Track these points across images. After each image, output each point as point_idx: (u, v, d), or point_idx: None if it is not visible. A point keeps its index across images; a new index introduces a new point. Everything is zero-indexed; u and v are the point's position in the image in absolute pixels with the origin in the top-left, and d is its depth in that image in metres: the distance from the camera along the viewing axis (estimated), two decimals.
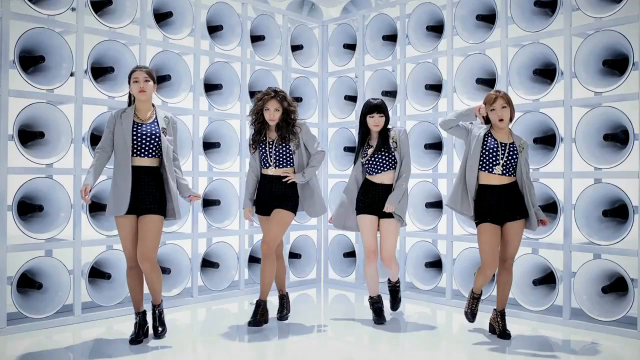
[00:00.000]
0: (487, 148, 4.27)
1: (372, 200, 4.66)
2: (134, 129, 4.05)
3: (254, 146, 4.66)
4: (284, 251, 6.10)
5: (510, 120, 4.30)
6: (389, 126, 4.76)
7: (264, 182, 4.63)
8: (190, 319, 5.06)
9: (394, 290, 5.07)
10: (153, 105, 4.21)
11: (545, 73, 4.93)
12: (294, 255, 6.23)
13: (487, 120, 4.36)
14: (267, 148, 4.60)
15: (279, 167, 4.59)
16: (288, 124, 4.57)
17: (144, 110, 4.14)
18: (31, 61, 4.56)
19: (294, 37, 6.38)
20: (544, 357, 3.95)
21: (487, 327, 4.53)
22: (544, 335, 4.48)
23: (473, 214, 4.33)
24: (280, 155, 4.57)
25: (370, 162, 4.66)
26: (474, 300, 4.51)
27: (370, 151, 4.68)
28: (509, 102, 4.26)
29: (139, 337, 4.13)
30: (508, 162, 4.23)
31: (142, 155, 4.05)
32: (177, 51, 5.37)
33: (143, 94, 4.09)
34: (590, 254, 4.64)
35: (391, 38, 6.03)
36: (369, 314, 4.97)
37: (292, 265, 6.24)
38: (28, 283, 4.48)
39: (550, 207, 4.88)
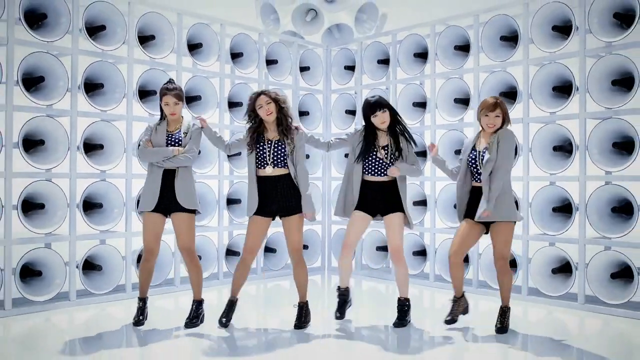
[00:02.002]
0: (470, 160, 4.46)
1: (371, 198, 4.55)
2: (166, 139, 4.57)
3: (250, 147, 4.53)
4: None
5: (502, 126, 4.39)
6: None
7: (265, 184, 4.49)
8: (217, 300, 5.92)
9: (403, 310, 4.63)
10: (182, 117, 4.72)
11: (510, 95, 5.88)
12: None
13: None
14: (265, 147, 4.51)
15: (277, 167, 4.48)
16: (285, 117, 4.51)
17: (173, 123, 4.66)
18: (91, 87, 5.52)
19: (302, 60, 7.29)
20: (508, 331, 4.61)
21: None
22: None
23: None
24: (278, 154, 4.47)
25: (381, 164, 4.52)
26: (454, 304, 4.67)
27: (383, 153, 4.50)
28: (503, 111, 4.34)
29: (139, 320, 4.69)
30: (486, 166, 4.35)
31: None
32: (205, 75, 6.32)
33: (174, 116, 4.60)
34: (544, 242, 5.55)
35: (385, 62, 6.95)
36: (364, 297, 5.71)
37: None
38: (90, 266, 5.47)
39: None
